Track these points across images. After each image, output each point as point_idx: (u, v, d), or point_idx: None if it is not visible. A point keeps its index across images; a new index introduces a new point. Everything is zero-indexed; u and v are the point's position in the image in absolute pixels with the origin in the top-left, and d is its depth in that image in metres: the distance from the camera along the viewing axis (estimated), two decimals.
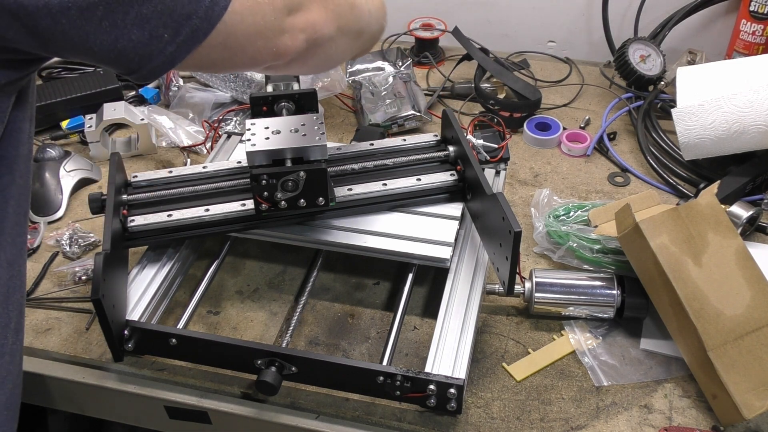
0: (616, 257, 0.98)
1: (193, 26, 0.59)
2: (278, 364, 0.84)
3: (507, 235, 0.81)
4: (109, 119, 1.23)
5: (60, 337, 0.96)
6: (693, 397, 0.88)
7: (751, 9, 1.32)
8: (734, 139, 1.09)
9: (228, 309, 1.00)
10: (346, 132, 1.33)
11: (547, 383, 0.90)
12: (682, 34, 1.47)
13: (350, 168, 1.00)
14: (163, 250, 0.99)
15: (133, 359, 0.92)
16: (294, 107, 0.94)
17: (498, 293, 0.94)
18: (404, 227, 0.97)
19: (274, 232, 0.98)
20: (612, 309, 0.94)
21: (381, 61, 1.47)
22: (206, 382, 0.90)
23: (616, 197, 1.17)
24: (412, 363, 0.92)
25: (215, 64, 0.66)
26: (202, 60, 0.63)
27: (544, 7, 1.54)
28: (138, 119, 1.25)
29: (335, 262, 1.06)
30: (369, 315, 0.99)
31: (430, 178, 0.99)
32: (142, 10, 0.57)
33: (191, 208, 0.95)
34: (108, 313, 0.82)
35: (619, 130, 1.32)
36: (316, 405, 0.87)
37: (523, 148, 1.29)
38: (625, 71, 1.33)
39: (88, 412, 0.99)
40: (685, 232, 0.87)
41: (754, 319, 0.84)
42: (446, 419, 0.85)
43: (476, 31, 1.47)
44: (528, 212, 1.10)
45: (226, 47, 0.63)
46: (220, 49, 0.62)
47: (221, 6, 0.60)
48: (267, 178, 0.85)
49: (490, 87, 1.40)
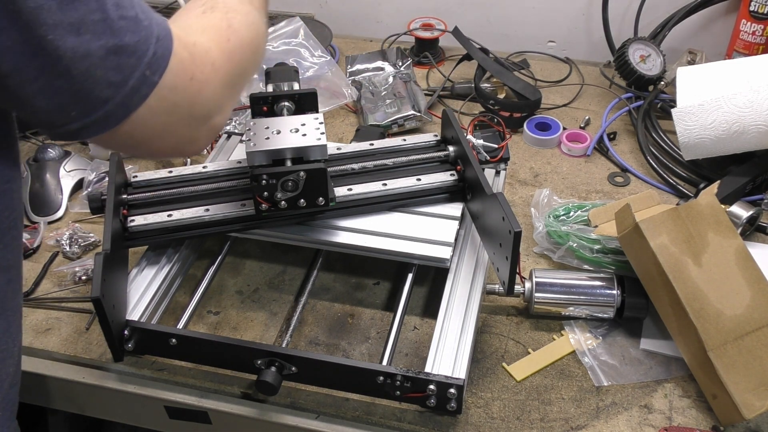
0: (616, 257, 0.98)
1: (107, 112, 0.57)
2: (278, 364, 0.84)
3: (507, 235, 0.81)
4: None
5: (60, 337, 0.96)
6: (693, 397, 0.88)
7: (751, 9, 1.32)
8: (734, 139, 1.09)
9: (228, 309, 1.00)
10: (346, 132, 1.33)
11: (547, 383, 0.90)
12: (682, 34, 1.47)
13: (350, 168, 1.00)
14: (163, 250, 0.99)
15: (133, 359, 0.92)
16: (294, 107, 0.93)
17: (498, 293, 0.94)
18: (404, 227, 0.97)
19: (274, 232, 0.97)
20: (612, 309, 0.94)
21: (381, 61, 1.47)
22: (206, 382, 0.90)
23: (616, 197, 1.17)
24: (412, 363, 0.92)
25: (113, 147, 0.66)
26: (102, 141, 0.61)
27: (544, 7, 1.54)
28: None
29: (335, 262, 1.06)
30: (369, 315, 0.99)
31: (430, 178, 0.99)
32: (55, 82, 0.54)
33: (191, 208, 0.95)
34: (108, 313, 0.82)
35: (619, 130, 1.32)
36: (316, 405, 0.87)
37: (523, 148, 1.29)
38: (625, 71, 1.33)
39: (88, 412, 0.99)
40: (685, 232, 0.87)
41: (754, 319, 0.84)
42: (446, 419, 0.85)
43: (476, 31, 1.47)
44: (528, 212, 1.10)
45: (131, 137, 0.61)
46: (124, 137, 0.60)
47: (140, 95, 0.58)
48: (267, 178, 0.85)
49: (490, 87, 1.40)
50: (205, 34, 0.67)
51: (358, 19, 1.66)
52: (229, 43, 0.69)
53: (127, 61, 0.57)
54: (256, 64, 0.76)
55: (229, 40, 0.69)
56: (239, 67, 0.70)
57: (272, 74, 0.97)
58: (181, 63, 0.61)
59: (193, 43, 0.64)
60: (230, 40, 0.69)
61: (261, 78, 1.36)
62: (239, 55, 0.70)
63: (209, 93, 0.65)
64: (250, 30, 0.73)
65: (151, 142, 0.64)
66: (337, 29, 1.58)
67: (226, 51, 0.68)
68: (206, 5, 0.72)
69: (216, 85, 0.66)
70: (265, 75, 0.98)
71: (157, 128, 0.62)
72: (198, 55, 0.64)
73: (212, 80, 0.65)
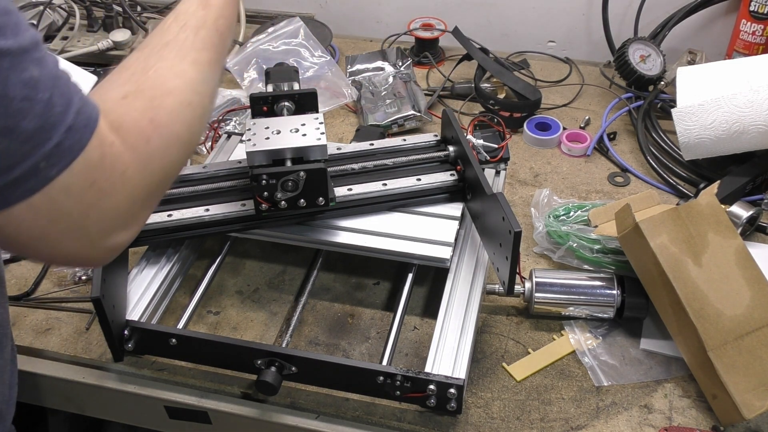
0: (616, 257, 0.98)
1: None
2: (278, 364, 0.84)
3: (507, 235, 0.81)
4: None
5: (60, 337, 0.96)
6: (693, 397, 0.88)
7: (751, 9, 1.32)
8: (734, 139, 1.09)
9: (228, 309, 1.00)
10: (346, 132, 1.33)
11: (547, 383, 0.90)
12: (682, 34, 1.47)
13: (350, 168, 1.00)
14: (163, 250, 0.99)
15: (133, 359, 0.92)
16: (294, 107, 0.94)
17: (498, 293, 0.94)
18: (404, 227, 0.97)
19: (274, 232, 0.97)
20: (612, 309, 0.94)
21: (381, 61, 1.47)
22: (206, 382, 0.90)
23: (616, 197, 1.17)
24: (412, 363, 0.92)
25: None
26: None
27: (544, 7, 1.54)
28: None
29: (335, 262, 1.06)
30: (369, 315, 0.99)
31: (430, 178, 0.99)
32: None
33: (191, 208, 0.95)
34: (108, 313, 0.82)
35: (619, 130, 1.32)
36: (316, 405, 0.87)
37: (523, 148, 1.29)
38: (625, 71, 1.33)
39: (88, 412, 0.99)
40: (685, 232, 0.87)
41: (754, 319, 0.84)
42: (446, 419, 0.85)
43: (476, 31, 1.47)
44: (528, 212, 1.10)
45: (3, 233, 0.52)
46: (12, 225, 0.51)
47: (24, 189, 0.50)
48: (267, 178, 0.85)
49: (490, 87, 1.40)
50: (120, 132, 0.56)
51: (358, 19, 1.66)
52: (149, 146, 0.58)
53: (18, 148, 0.48)
54: (188, 154, 0.66)
55: (149, 142, 0.58)
56: (159, 173, 0.60)
57: (272, 74, 0.97)
58: (87, 163, 0.52)
59: (110, 143, 0.54)
60: (150, 141, 0.58)
61: (261, 78, 1.36)
62: (160, 161, 0.59)
63: (110, 207, 0.55)
64: (184, 116, 0.62)
65: (28, 247, 0.54)
66: (337, 29, 1.58)
67: (144, 156, 0.57)
68: (131, 82, 0.61)
69: (122, 199, 0.56)
70: (265, 75, 0.98)
71: (35, 233, 0.53)
72: (108, 157, 0.54)
73: (118, 192, 0.55)
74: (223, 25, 0.71)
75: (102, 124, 0.53)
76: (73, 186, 0.52)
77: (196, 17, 0.69)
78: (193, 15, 0.69)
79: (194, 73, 0.65)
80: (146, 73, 0.62)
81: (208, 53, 0.68)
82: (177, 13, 0.70)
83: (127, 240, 0.59)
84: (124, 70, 0.63)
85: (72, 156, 0.51)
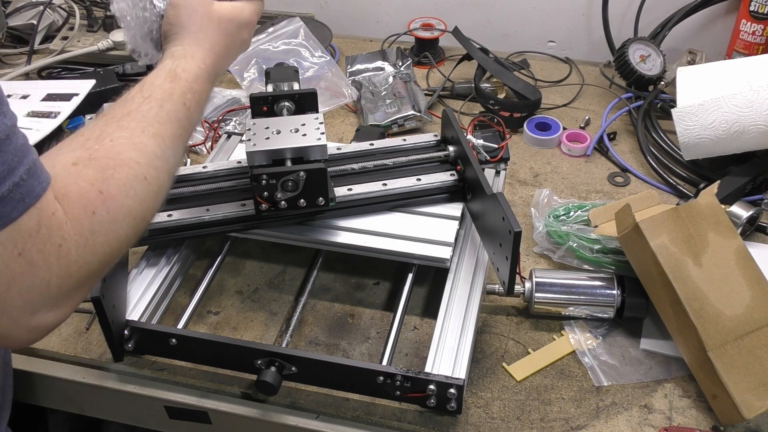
0: (616, 257, 0.98)
1: None
2: (278, 364, 0.84)
3: (507, 235, 0.81)
4: None
5: (60, 337, 0.96)
6: (693, 397, 0.88)
7: (751, 9, 1.32)
8: (734, 139, 1.10)
9: (228, 309, 1.00)
10: (346, 132, 1.33)
11: (547, 383, 0.90)
12: (682, 34, 1.47)
13: (350, 168, 1.00)
14: (163, 250, 0.99)
15: (133, 359, 0.92)
16: (294, 107, 0.94)
17: (498, 293, 0.94)
18: (404, 227, 0.97)
19: (274, 232, 0.97)
20: (612, 309, 0.94)
21: (381, 61, 1.47)
22: (206, 382, 0.90)
23: (616, 197, 1.17)
24: (412, 363, 0.92)
25: None
26: None
27: (544, 7, 1.54)
28: None
29: (335, 262, 1.06)
30: (369, 315, 0.99)
31: (430, 178, 0.99)
32: None
33: (191, 208, 0.95)
34: (108, 313, 0.82)
35: (619, 130, 1.32)
36: (316, 405, 0.87)
37: (523, 148, 1.29)
38: (625, 71, 1.33)
39: (88, 412, 0.99)
40: (685, 232, 0.87)
41: (754, 319, 0.84)
42: (446, 419, 0.85)
43: (476, 31, 1.47)
44: (528, 212, 1.10)
45: None
46: None
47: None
48: (267, 178, 0.85)
49: (490, 87, 1.40)
50: (64, 201, 0.52)
51: (358, 19, 1.66)
52: (94, 219, 0.53)
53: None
54: (138, 232, 0.59)
55: (95, 214, 0.53)
56: (103, 251, 0.54)
57: (272, 74, 0.97)
58: (18, 230, 0.48)
59: (51, 212, 0.50)
60: (96, 214, 0.53)
61: (261, 78, 1.36)
62: (105, 236, 0.54)
63: (39, 281, 0.50)
64: (137, 190, 0.57)
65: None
66: (337, 29, 1.58)
67: (87, 230, 0.53)
68: (84, 148, 0.57)
69: (54, 274, 0.51)
70: (265, 75, 0.98)
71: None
72: (45, 227, 0.50)
73: (51, 266, 0.50)
74: (191, 100, 0.69)
75: (49, 191, 0.50)
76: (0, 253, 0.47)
77: (163, 90, 0.67)
78: (160, 87, 0.67)
79: (154, 146, 0.61)
80: (101, 141, 0.58)
81: (172, 127, 0.65)
82: (143, 84, 0.67)
83: (56, 322, 0.53)
84: (80, 136, 0.59)
85: (5, 221, 0.47)
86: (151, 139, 0.62)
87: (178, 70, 0.70)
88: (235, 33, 0.80)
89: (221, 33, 0.78)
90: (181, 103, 0.67)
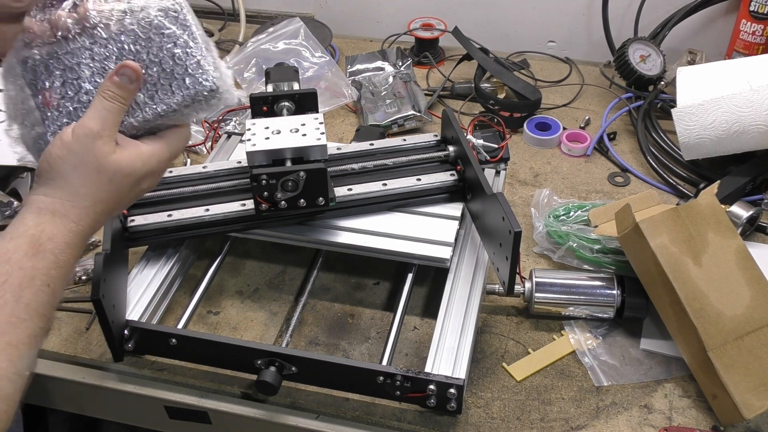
0: (616, 257, 0.98)
1: None
2: (278, 364, 0.84)
3: (507, 235, 0.81)
4: None
5: (60, 337, 0.96)
6: (693, 397, 0.88)
7: (751, 9, 1.32)
8: (734, 139, 1.09)
9: (228, 309, 1.00)
10: (346, 132, 1.33)
11: (547, 383, 0.90)
12: (682, 34, 1.47)
13: (350, 168, 1.00)
14: (163, 250, 0.99)
15: (133, 359, 0.92)
16: (294, 107, 0.94)
17: (498, 293, 0.94)
18: (404, 227, 0.97)
19: (274, 232, 0.97)
20: (612, 309, 0.94)
21: (381, 61, 1.47)
22: (206, 382, 0.90)
23: (616, 197, 1.17)
24: (412, 363, 0.92)
25: None
26: None
27: (544, 7, 1.54)
28: None
29: (335, 262, 1.06)
30: (369, 315, 0.99)
31: (430, 178, 0.99)
32: None
33: (191, 208, 0.95)
34: (108, 313, 0.82)
35: (619, 130, 1.32)
36: (316, 405, 0.87)
37: (523, 148, 1.29)
38: (625, 71, 1.33)
39: (87, 412, 0.99)
40: (685, 232, 0.87)
41: (754, 319, 0.84)
42: (446, 419, 0.85)
43: (476, 31, 1.47)
44: (528, 212, 1.10)
45: None
46: None
47: None
48: (267, 178, 0.85)
49: (490, 87, 1.40)
50: None
51: (358, 19, 1.66)
52: None
53: None
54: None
55: None
56: None
57: (272, 74, 0.97)
58: None
59: None
60: None
61: (261, 78, 1.36)
62: None
63: None
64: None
65: None
66: (337, 29, 1.58)
67: None
68: None
69: None
70: (265, 75, 0.98)
71: None
72: None
73: None
74: (56, 277, 0.57)
75: None
76: None
77: (23, 271, 0.54)
78: (18, 266, 0.54)
79: (5, 366, 0.50)
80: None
81: (31, 325, 0.54)
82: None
83: None
84: None
85: None
86: (1, 354, 0.50)
87: (43, 238, 0.57)
88: (130, 187, 0.65)
89: (110, 189, 0.63)
90: (45, 285, 0.56)
